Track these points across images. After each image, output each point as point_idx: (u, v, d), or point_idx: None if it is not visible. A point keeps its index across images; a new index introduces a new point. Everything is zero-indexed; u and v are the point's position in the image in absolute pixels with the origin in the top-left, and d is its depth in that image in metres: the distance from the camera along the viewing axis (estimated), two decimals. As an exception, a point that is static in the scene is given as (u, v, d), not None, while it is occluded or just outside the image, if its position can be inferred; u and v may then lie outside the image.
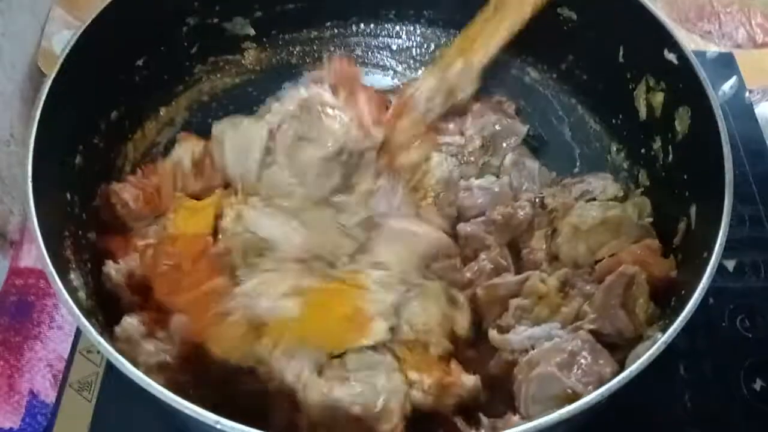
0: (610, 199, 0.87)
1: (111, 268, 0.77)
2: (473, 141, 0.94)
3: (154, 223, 0.84)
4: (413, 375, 0.71)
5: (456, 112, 0.98)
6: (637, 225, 0.82)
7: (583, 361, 0.68)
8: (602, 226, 0.82)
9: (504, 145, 0.95)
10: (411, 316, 0.76)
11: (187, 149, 0.87)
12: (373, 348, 0.73)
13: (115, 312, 0.75)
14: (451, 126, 0.96)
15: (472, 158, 0.94)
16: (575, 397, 0.64)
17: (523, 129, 0.97)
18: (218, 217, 0.81)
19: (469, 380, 0.72)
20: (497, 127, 0.96)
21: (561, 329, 0.73)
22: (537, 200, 0.89)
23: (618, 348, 0.71)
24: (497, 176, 0.94)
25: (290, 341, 0.72)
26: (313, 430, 0.69)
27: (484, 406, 0.73)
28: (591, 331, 0.71)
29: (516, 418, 0.67)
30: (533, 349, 0.72)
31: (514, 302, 0.76)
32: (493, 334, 0.75)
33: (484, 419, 0.69)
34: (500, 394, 0.73)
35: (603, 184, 0.89)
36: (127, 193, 0.82)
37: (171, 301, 0.76)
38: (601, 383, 0.62)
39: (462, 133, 0.96)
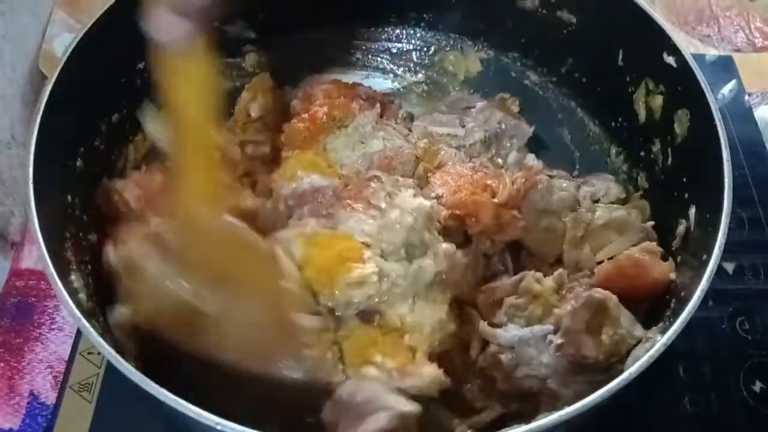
0: (612, 201, 0.87)
1: (110, 250, 0.76)
2: (473, 134, 0.94)
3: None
4: (377, 357, 0.72)
5: (459, 107, 1.00)
6: (638, 227, 0.82)
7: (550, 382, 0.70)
8: (606, 228, 0.82)
9: (508, 145, 0.95)
10: (406, 313, 0.76)
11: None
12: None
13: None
14: (452, 118, 0.97)
15: (476, 153, 0.94)
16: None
17: (529, 130, 0.97)
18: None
19: (430, 372, 0.71)
20: (502, 126, 0.95)
21: (554, 333, 0.73)
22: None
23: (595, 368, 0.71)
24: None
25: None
26: None
27: (471, 398, 0.75)
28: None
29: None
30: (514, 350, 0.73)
31: (508, 300, 0.77)
32: (483, 325, 0.75)
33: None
34: (486, 386, 0.74)
35: (606, 186, 0.89)
36: (128, 191, 0.82)
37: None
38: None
39: (463, 125, 0.96)
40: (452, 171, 0.87)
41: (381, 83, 1.09)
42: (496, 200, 0.81)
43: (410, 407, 0.68)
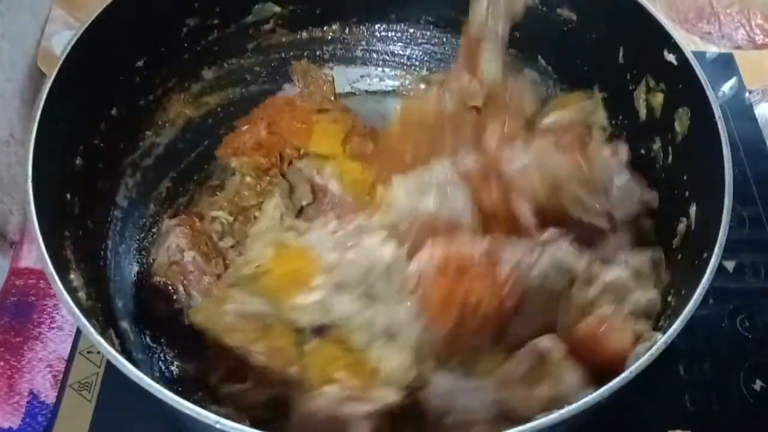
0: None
1: None
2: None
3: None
4: (339, 373, 0.71)
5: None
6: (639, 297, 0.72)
7: None
8: (600, 298, 0.71)
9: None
10: (364, 344, 0.73)
11: None
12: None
13: (114, 313, 0.76)
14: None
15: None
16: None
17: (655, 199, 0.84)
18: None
19: (389, 396, 0.69)
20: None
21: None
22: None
23: None
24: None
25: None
26: None
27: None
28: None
29: None
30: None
31: None
32: None
33: None
34: None
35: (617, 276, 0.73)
36: None
37: None
38: None
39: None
40: (449, 250, 0.69)
41: (380, 83, 1.09)
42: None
43: (369, 405, 0.68)
